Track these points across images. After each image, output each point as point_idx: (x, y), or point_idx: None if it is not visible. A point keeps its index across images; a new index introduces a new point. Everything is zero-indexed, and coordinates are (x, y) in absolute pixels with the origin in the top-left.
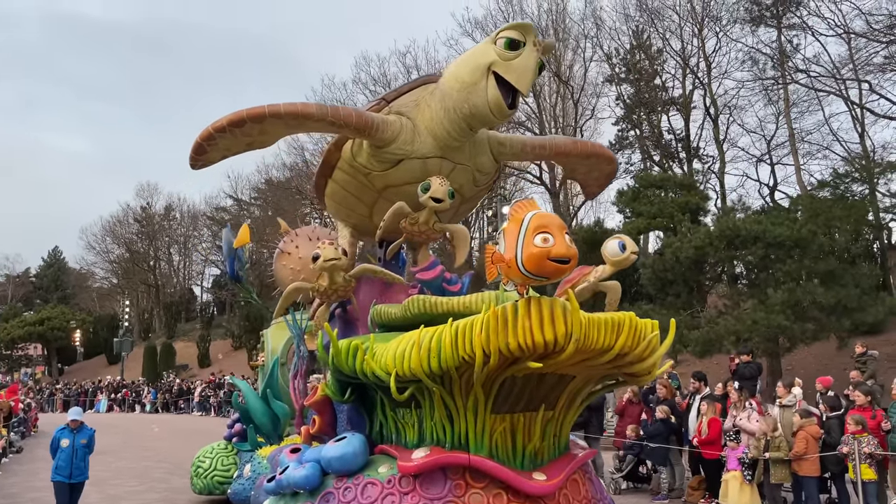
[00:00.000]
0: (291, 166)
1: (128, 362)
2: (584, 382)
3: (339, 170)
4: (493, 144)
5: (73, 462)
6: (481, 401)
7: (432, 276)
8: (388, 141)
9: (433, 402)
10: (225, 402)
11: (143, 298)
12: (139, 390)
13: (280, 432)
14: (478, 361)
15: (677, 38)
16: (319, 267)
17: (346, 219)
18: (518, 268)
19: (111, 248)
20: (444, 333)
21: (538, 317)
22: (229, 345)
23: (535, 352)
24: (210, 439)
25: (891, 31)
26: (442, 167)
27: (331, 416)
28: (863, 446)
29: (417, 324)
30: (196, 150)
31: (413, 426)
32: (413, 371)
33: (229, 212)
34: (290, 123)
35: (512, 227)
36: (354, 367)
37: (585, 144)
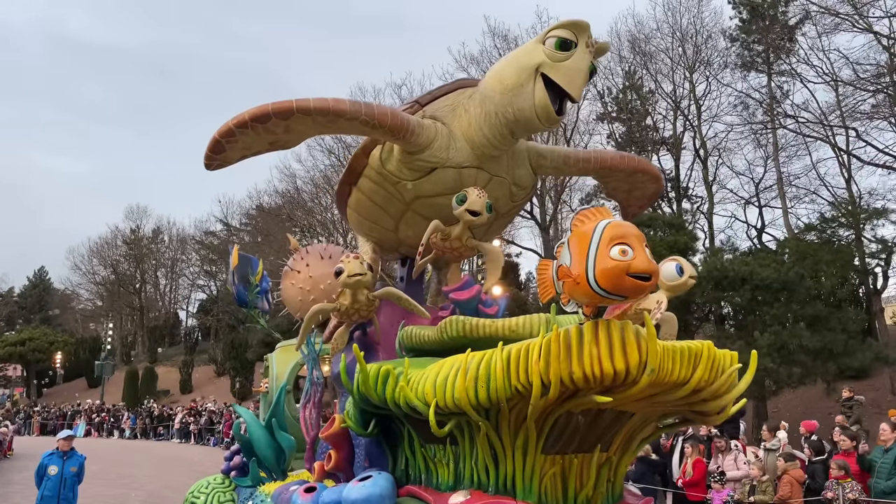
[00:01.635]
0: (283, 193)
1: (108, 386)
2: (644, 421)
3: (365, 178)
4: (533, 156)
5: (60, 492)
6: (532, 439)
7: (468, 296)
8: (422, 147)
9: (475, 438)
10: (206, 430)
11: (126, 321)
12: (118, 415)
13: (284, 467)
14: (535, 393)
15: (669, 80)
16: (342, 283)
17: (369, 232)
18: (589, 284)
19: (97, 269)
20: (495, 359)
21: (607, 343)
22: (212, 371)
23: (602, 383)
24: (189, 468)
25: (878, 80)
26: (478, 178)
27: (348, 451)
28: (846, 492)
29: (455, 348)
30: (213, 147)
31: (447, 465)
32: (457, 402)
33: (218, 236)
34: (318, 121)
35: (580, 238)
36: (384, 395)
37: (633, 159)
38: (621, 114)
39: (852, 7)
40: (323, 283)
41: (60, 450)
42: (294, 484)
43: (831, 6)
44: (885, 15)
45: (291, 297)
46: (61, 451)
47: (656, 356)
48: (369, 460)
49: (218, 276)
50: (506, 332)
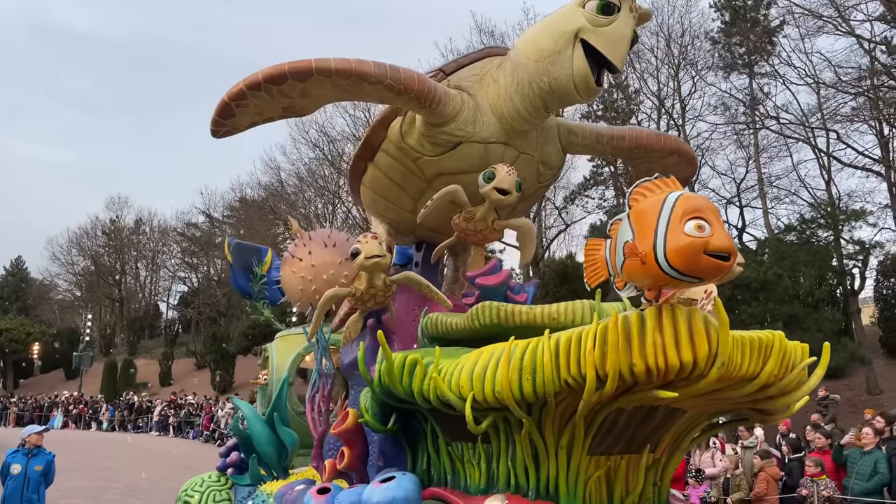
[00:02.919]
0: (267, 186)
1: (86, 378)
2: (695, 419)
3: (383, 152)
4: (563, 133)
5: (23, 494)
6: (579, 438)
7: (496, 281)
8: (448, 118)
9: (514, 436)
10: (185, 423)
11: (106, 313)
12: (97, 407)
13: (286, 464)
14: (588, 387)
15: (654, 79)
16: (359, 265)
17: (384, 213)
18: (658, 264)
19: (76, 260)
20: (542, 348)
21: (673, 331)
22: (192, 364)
23: (665, 377)
24: (168, 461)
25: (859, 83)
26: (505, 155)
27: (362, 449)
28: (821, 489)
29: (486, 337)
30: (221, 111)
31: (477, 465)
32: (498, 396)
33: (200, 228)
34: (339, 84)
35: (646, 212)
36: (411, 387)
37: (669, 139)
38: (606, 112)
39: (835, 10)
40: (326, 272)
41: (27, 446)
42: (299, 483)
43: (814, 8)
44: (867, 18)
45: (291, 286)
46: (27, 448)
47: (727, 348)
48: (384, 459)
49: (199, 269)
50: (545, 320)
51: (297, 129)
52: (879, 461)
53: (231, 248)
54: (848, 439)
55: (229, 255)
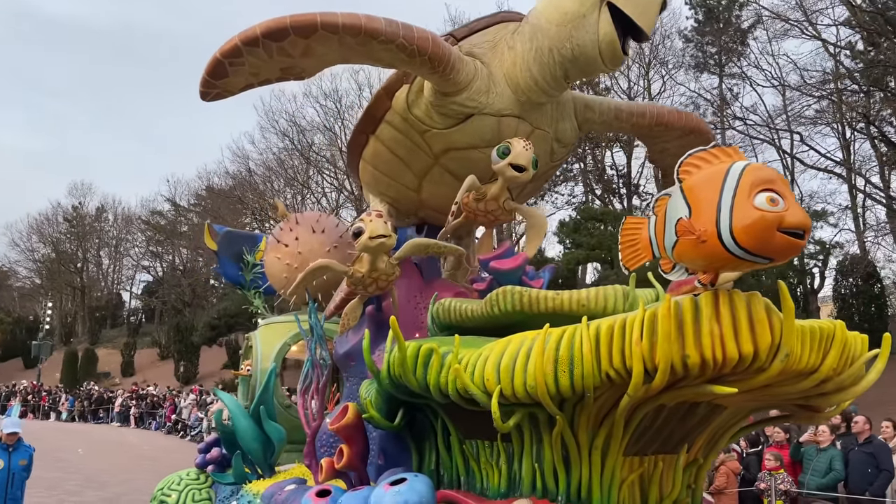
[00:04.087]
0: (234, 175)
1: (46, 367)
2: (734, 417)
3: (386, 124)
4: (579, 108)
5: (7, 490)
6: (617, 437)
7: (512, 265)
8: (460, 86)
9: (541, 435)
10: (147, 414)
11: (66, 301)
12: (56, 397)
13: (272, 462)
14: (635, 381)
15: (625, 77)
16: (361, 246)
17: (386, 191)
18: (721, 243)
19: (37, 246)
20: (579, 337)
21: (731, 319)
22: (156, 354)
23: (721, 370)
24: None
25: (823, 86)
26: (518, 129)
27: (362, 447)
28: (778, 483)
29: (507, 325)
30: (212, 70)
31: (496, 466)
32: (531, 390)
33: (166, 217)
34: (346, 43)
35: (706, 184)
36: (426, 379)
37: (690, 117)
38: None
39: (803, 13)
40: (313, 259)
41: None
42: (289, 482)
43: (782, 12)
44: (833, 23)
45: (276, 272)
46: (6, 444)
47: (791, 338)
48: (385, 457)
49: (164, 258)
50: (574, 307)
51: (266, 117)
52: (835, 459)
53: (219, 236)
54: (807, 437)
55: (212, 244)
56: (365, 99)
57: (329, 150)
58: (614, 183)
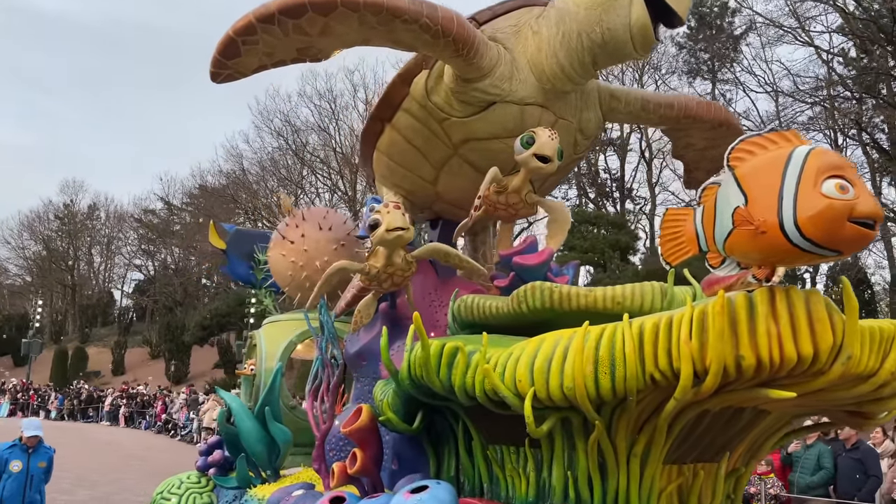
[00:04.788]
0: (228, 174)
1: (36, 365)
2: (777, 422)
3: (403, 112)
4: (604, 98)
5: (25, 493)
6: (658, 444)
7: (538, 260)
8: (483, 72)
9: (575, 440)
10: (137, 414)
11: (57, 299)
12: (46, 395)
13: (277, 465)
14: (683, 384)
15: (619, 81)
16: (377, 239)
17: (400, 183)
18: (784, 233)
19: (28, 244)
20: (620, 336)
21: (788, 317)
22: (146, 353)
23: (777, 372)
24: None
25: (816, 92)
26: (542, 118)
27: (377, 451)
28: (768, 487)
29: (534, 323)
30: (224, 49)
31: (523, 474)
32: (568, 392)
33: (158, 215)
34: (366, 22)
35: (762, 171)
36: (451, 380)
37: (720, 109)
38: None
39: (796, 20)
40: (319, 258)
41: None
42: (296, 487)
43: (776, 18)
44: (826, 30)
45: (280, 270)
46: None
47: (855, 339)
48: (399, 462)
49: (156, 256)
50: (608, 305)
51: (261, 116)
52: (823, 455)
53: (229, 235)
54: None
55: (219, 242)
56: (360, 100)
57: (323, 151)
58: (608, 186)
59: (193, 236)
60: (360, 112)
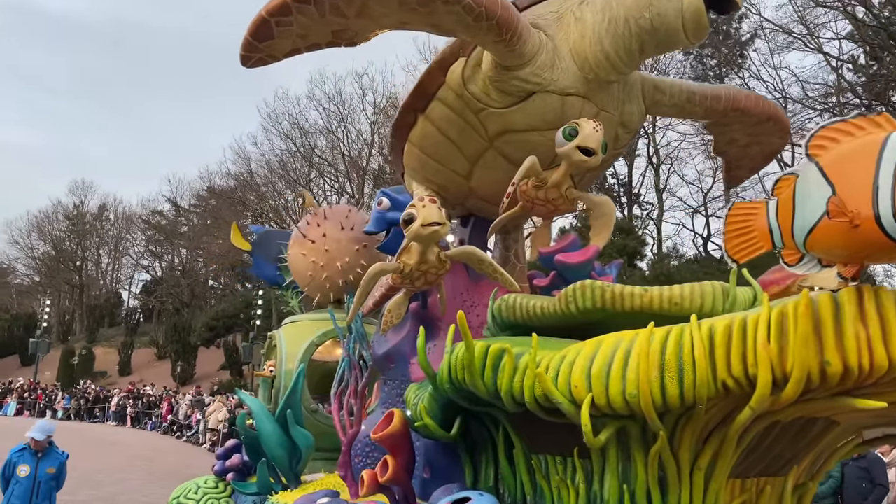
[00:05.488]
0: (236, 176)
1: (43, 365)
2: (844, 434)
3: (438, 101)
4: (648, 90)
5: (32, 499)
6: (725, 457)
7: (582, 259)
8: (525, 59)
9: (630, 452)
10: (143, 414)
11: (65, 299)
12: (53, 395)
13: (298, 471)
14: (760, 392)
15: None
16: (412, 234)
17: (432, 178)
18: (881, 227)
19: (36, 244)
20: (689, 339)
21: (878, 320)
22: (153, 354)
23: (865, 379)
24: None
25: (825, 99)
26: (584, 110)
27: (409, 458)
28: None
29: (583, 325)
30: (256, 31)
31: (571, 486)
32: (631, 400)
33: (166, 217)
34: (406, 3)
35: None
36: (497, 384)
37: (768, 103)
38: None
39: (805, 27)
40: (340, 259)
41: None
42: (321, 495)
43: (785, 25)
44: (835, 37)
45: (300, 269)
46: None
47: None
48: (431, 470)
49: (164, 257)
50: (665, 306)
51: (270, 119)
52: None
53: (256, 236)
54: None
55: (243, 243)
56: (368, 103)
57: (331, 154)
58: (615, 191)
59: (201, 238)
60: (368, 116)
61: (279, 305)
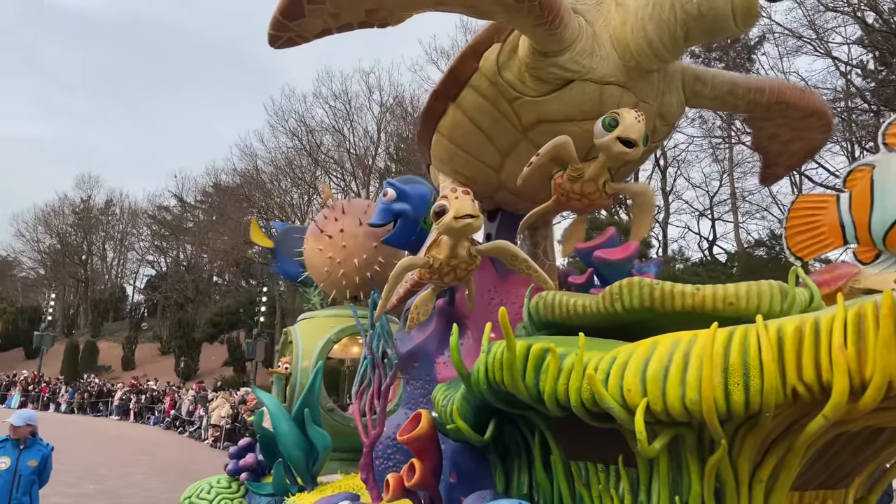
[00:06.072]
0: (242, 172)
1: (47, 358)
2: None
3: (471, 89)
4: (688, 81)
5: (12, 493)
6: (790, 469)
7: (623, 255)
8: (564, 45)
9: (681, 461)
10: (146, 409)
11: (70, 293)
12: (56, 388)
13: (315, 472)
14: (836, 399)
15: None
16: (444, 227)
17: (461, 169)
18: None
19: (42, 237)
20: (755, 341)
21: None
22: (157, 349)
23: None
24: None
25: (833, 104)
26: (622, 100)
27: (436, 462)
28: None
29: (628, 325)
30: (286, 9)
31: (616, 495)
32: (691, 406)
33: (172, 212)
34: None
35: None
36: (540, 386)
37: (814, 97)
38: None
39: (814, 32)
40: (358, 255)
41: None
42: (341, 498)
43: (795, 29)
44: (844, 41)
45: (316, 264)
46: (16, 440)
47: None
48: (458, 475)
49: (169, 253)
50: (718, 306)
51: (276, 116)
52: None
53: (279, 233)
54: None
55: (265, 241)
56: (375, 102)
57: (337, 152)
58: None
59: (206, 234)
60: (375, 114)
61: (283, 302)
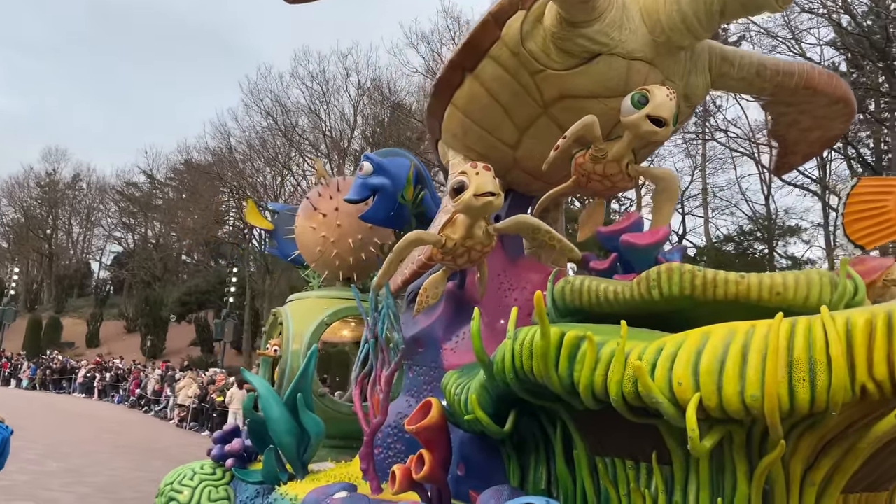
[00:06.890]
0: (215, 151)
1: (8, 333)
2: None
3: (491, 59)
4: (715, 61)
5: None
6: (844, 472)
7: (651, 240)
8: (595, 15)
9: (724, 460)
10: (111, 387)
11: (34, 267)
12: (18, 364)
13: (306, 459)
14: None
15: None
16: (462, 205)
17: (474, 145)
18: None
19: (6, 210)
20: (821, 333)
21: None
22: (122, 327)
23: None
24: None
25: None
26: (649, 77)
27: (446, 453)
28: None
29: (663, 314)
30: None
31: (648, 494)
32: (751, 403)
33: (141, 189)
34: None
35: None
36: (575, 377)
37: (841, 83)
38: None
39: (790, 31)
40: (353, 235)
41: None
42: (337, 488)
43: (770, 28)
44: (818, 43)
45: (308, 243)
46: None
47: None
48: (466, 467)
49: (137, 230)
50: (764, 295)
51: (251, 95)
52: None
53: (278, 214)
54: None
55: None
56: (352, 84)
57: (312, 133)
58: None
59: (176, 211)
60: (352, 97)
61: (253, 283)
